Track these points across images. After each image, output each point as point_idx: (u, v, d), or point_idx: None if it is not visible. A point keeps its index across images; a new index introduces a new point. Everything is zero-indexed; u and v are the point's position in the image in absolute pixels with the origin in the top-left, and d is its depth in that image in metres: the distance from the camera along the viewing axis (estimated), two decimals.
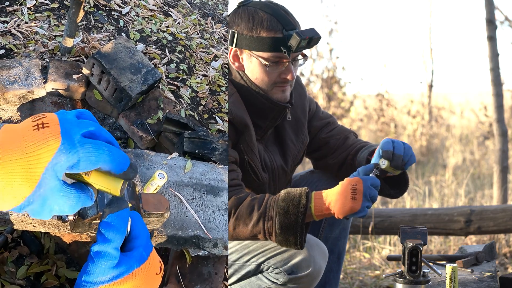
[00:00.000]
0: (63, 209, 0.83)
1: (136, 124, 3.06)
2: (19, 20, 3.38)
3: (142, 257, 0.92)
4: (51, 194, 0.80)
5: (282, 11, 1.75)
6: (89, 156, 0.80)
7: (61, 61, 3.16)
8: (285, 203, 1.62)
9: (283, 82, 1.79)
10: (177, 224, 2.05)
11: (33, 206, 0.80)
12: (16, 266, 2.31)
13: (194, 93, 3.60)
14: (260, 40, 1.72)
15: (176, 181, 2.21)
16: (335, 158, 2.05)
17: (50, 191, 0.80)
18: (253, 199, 1.66)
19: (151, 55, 3.70)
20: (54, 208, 0.82)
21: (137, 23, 3.97)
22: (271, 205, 1.63)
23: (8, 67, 2.95)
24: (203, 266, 2.29)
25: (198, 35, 4.31)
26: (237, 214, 1.65)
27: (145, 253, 0.93)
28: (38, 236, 2.43)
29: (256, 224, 1.63)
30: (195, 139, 2.75)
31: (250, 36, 1.74)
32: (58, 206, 0.82)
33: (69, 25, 3.06)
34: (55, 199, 0.81)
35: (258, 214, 1.63)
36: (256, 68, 1.77)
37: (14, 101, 2.92)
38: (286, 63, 1.75)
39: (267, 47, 1.72)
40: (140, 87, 3.04)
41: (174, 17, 4.32)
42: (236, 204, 1.65)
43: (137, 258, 0.92)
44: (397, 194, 1.88)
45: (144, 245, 0.94)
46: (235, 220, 1.65)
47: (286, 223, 1.61)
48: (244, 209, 1.65)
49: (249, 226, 1.64)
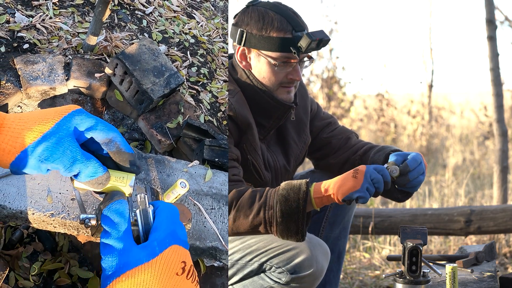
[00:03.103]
0: (73, 155, 0.94)
1: (156, 127, 3.05)
2: (44, 15, 3.39)
3: (153, 252, 0.90)
4: (65, 137, 0.94)
5: (291, 13, 1.77)
6: (106, 125, 0.99)
7: (84, 59, 3.16)
8: (285, 191, 1.61)
9: (289, 83, 1.81)
10: (195, 234, 2.03)
11: (48, 143, 0.92)
12: (30, 262, 2.33)
13: (214, 98, 3.58)
14: (270, 40, 1.74)
15: (196, 190, 2.20)
16: (337, 158, 2.06)
17: (65, 134, 0.94)
18: (253, 191, 1.66)
19: (172, 57, 3.67)
20: (67, 152, 0.93)
21: (160, 24, 3.95)
22: (271, 195, 1.63)
23: (32, 63, 2.96)
24: (217, 277, 2.28)
25: (221, 39, 4.27)
26: (238, 205, 1.64)
27: (158, 248, 0.91)
28: (53, 233, 2.44)
29: (257, 214, 1.62)
30: (215, 148, 2.73)
31: (260, 35, 1.75)
32: (70, 152, 0.93)
33: (95, 23, 3.06)
34: (69, 143, 0.94)
35: (259, 205, 1.62)
36: (264, 68, 1.79)
37: (36, 96, 2.93)
38: (294, 63, 1.77)
39: (277, 47, 1.74)
40: (162, 90, 3.04)
41: (197, 19, 4.30)
42: (237, 196, 1.65)
43: (147, 252, 0.90)
44: (404, 198, 1.85)
45: (161, 239, 0.92)
46: (235, 212, 1.64)
47: (287, 210, 1.59)
48: (245, 200, 1.64)
49: (249, 218, 1.63)
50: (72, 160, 0.93)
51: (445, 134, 8.36)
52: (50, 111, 0.97)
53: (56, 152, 0.92)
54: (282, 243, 1.76)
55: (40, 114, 0.96)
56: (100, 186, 0.98)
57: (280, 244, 1.76)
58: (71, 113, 0.97)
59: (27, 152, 0.91)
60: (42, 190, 1.78)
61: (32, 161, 0.92)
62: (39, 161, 0.92)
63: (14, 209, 1.70)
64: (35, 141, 0.91)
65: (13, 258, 2.27)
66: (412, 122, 8.33)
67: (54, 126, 0.93)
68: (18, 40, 3.13)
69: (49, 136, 0.92)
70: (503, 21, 6.82)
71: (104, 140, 0.99)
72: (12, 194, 1.73)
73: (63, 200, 1.77)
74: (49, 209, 1.73)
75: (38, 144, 0.92)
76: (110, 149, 1.00)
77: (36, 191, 1.77)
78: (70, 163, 0.93)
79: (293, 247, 1.74)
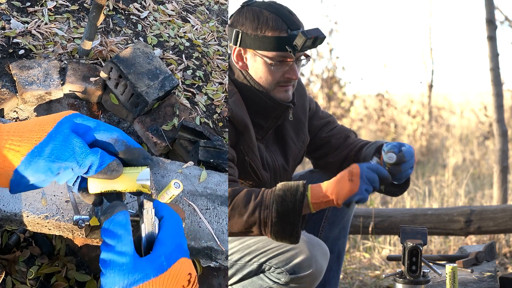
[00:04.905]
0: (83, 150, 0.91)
1: (151, 130, 3.05)
2: (39, 21, 3.40)
3: (161, 267, 0.88)
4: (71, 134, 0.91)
5: (286, 11, 1.76)
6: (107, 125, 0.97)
7: (79, 63, 3.17)
8: (282, 192, 1.60)
9: (287, 82, 1.80)
10: (190, 234, 2.03)
11: (55, 141, 0.89)
12: (27, 266, 2.32)
13: (209, 100, 3.59)
14: (266, 39, 1.73)
15: (191, 191, 2.20)
16: (336, 156, 2.06)
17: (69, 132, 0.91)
18: (249, 190, 1.64)
19: (168, 61, 3.69)
20: (76, 147, 0.90)
21: (155, 28, 3.97)
22: (267, 195, 1.62)
23: (27, 68, 2.96)
24: (214, 278, 2.28)
25: (216, 42, 4.29)
26: (233, 204, 1.63)
27: (166, 263, 0.88)
28: (50, 237, 2.44)
29: (252, 214, 1.60)
30: (210, 148, 2.73)
31: (255, 35, 1.74)
32: (79, 148, 0.90)
33: (89, 28, 3.07)
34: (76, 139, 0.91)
35: (255, 204, 1.61)
36: (260, 68, 1.78)
37: (32, 101, 2.93)
38: (290, 62, 1.76)
39: (272, 46, 1.73)
40: (157, 93, 3.04)
41: (192, 23, 4.31)
42: (232, 195, 1.64)
43: (155, 267, 0.87)
44: (398, 192, 1.87)
45: (168, 254, 0.89)
46: (230, 210, 1.63)
47: (283, 211, 1.58)
48: (240, 199, 1.62)
49: (244, 217, 1.61)
50: (84, 154, 0.90)
51: (445, 134, 8.36)
52: (48, 116, 0.94)
53: (66, 149, 0.89)
54: (281, 244, 1.75)
55: (38, 119, 0.93)
56: (114, 173, 0.94)
57: (279, 245, 1.75)
58: (70, 116, 0.94)
59: (34, 154, 0.87)
60: (36, 192, 1.77)
61: (41, 163, 0.88)
62: (49, 161, 0.88)
63: (8, 212, 1.69)
64: (41, 142, 0.88)
65: (10, 263, 2.26)
66: (412, 122, 8.33)
67: (56, 125, 0.91)
68: (13, 46, 3.14)
69: (54, 134, 0.89)
70: (503, 21, 6.81)
71: (110, 141, 0.96)
72: (6, 196, 1.72)
73: (58, 202, 1.76)
74: (43, 211, 1.72)
75: (45, 145, 0.88)
76: (120, 148, 0.96)
77: (30, 194, 1.75)
78: (83, 158, 0.90)
79: (292, 247, 1.73)
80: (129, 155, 0.97)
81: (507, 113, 7.53)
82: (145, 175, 0.97)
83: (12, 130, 0.90)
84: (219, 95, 3.66)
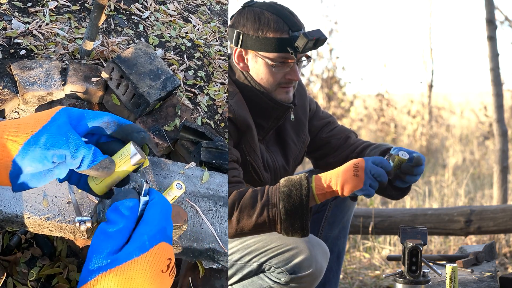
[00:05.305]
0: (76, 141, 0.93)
1: (153, 130, 3.05)
2: (41, 21, 3.41)
3: (143, 246, 0.86)
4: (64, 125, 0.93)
5: (287, 12, 1.76)
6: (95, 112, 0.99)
7: (81, 64, 3.17)
8: (287, 188, 1.61)
9: (288, 83, 1.80)
10: (192, 235, 2.02)
11: (50, 131, 0.91)
12: (28, 267, 2.32)
13: (211, 101, 3.59)
14: (267, 40, 1.73)
15: (193, 192, 2.20)
16: (336, 157, 2.06)
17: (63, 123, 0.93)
18: (254, 190, 1.65)
19: (169, 61, 3.69)
20: (69, 138, 0.92)
21: (157, 28, 3.97)
22: (273, 193, 1.62)
23: (28, 68, 2.97)
24: (216, 279, 2.27)
25: (217, 42, 4.29)
26: (240, 206, 1.63)
27: (148, 243, 0.87)
28: (51, 238, 2.44)
29: (261, 214, 1.61)
30: (212, 149, 2.73)
31: (256, 36, 1.74)
32: (71, 138, 0.92)
33: (90, 28, 3.07)
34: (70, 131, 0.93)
35: (262, 204, 1.61)
36: (261, 69, 1.78)
37: (33, 102, 2.94)
38: (292, 63, 1.76)
39: (274, 47, 1.73)
40: (159, 93, 3.04)
41: (193, 23, 4.31)
42: (239, 197, 1.64)
43: (137, 246, 0.86)
44: (398, 196, 1.85)
45: (152, 234, 0.88)
46: (238, 213, 1.63)
47: (291, 207, 1.59)
48: (246, 200, 1.63)
49: (253, 217, 1.61)
50: (76, 145, 0.92)
51: (445, 134, 8.36)
52: (43, 112, 0.98)
53: (60, 138, 0.91)
54: (281, 243, 1.75)
55: (34, 114, 0.97)
56: (106, 170, 0.95)
57: (279, 244, 1.75)
58: (62, 109, 0.97)
59: (30, 143, 0.90)
60: (38, 193, 1.77)
61: (38, 151, 0.90)
62: (44, 149, 0.90)
63: (9, 213, 1.69)
64: (36, 132, 0.91)
65: (11, 264, 2.26)
66: (412, 122, 8.34)
67: (52, 117, 0.94)
68: (14, 46, 3.15)
69: (49, 125, 0.92)
70: (503, 21, 6.81)
71: (102, 125, 0.99)
72: (7, 198, 1.72)
73: (59, 204, 1.76)
74: (45, 213, 1.72)
75: (41, 134, 0.91)
76: (113, 129, 1.00)
77: (32, 195, 1.76)
78: (75, 148, 0.92)
79: (292, 247, 1.73)
80: (123, 132, 1.00)
81: (507, 113, 7.53)
82: (133, 152, 0.99)
83: (9, 123, 0.93)
84: (221, 95, 3.66)
